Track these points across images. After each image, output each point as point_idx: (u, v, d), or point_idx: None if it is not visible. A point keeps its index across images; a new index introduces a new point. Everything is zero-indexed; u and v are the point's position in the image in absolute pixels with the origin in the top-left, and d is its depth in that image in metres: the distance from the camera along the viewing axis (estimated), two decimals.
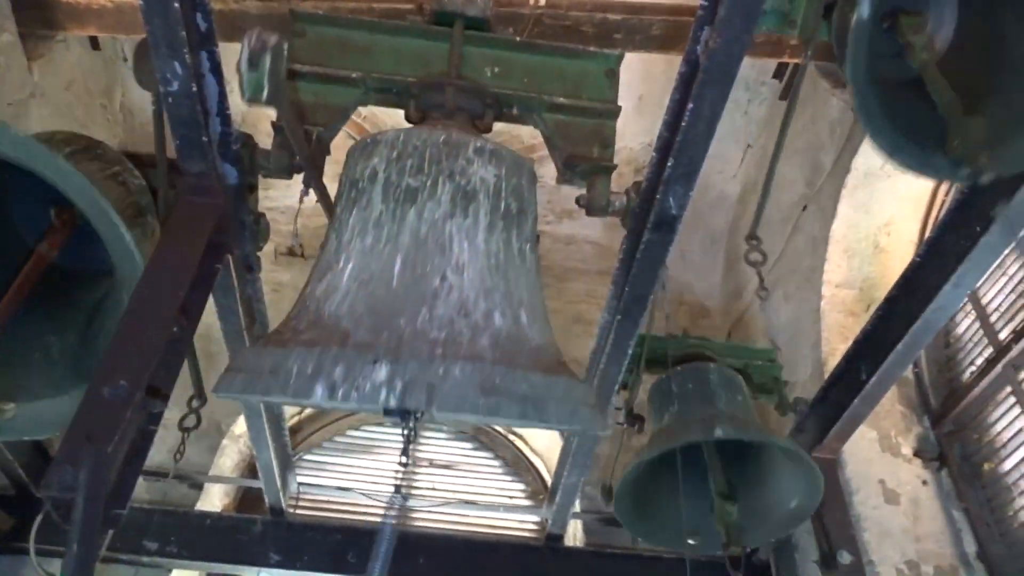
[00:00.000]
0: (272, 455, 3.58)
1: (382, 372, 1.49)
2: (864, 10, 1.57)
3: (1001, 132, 1.50)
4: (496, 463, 5.58)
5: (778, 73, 5.22)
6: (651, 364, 3.40)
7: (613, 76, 2.47)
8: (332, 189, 2.28)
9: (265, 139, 2.33)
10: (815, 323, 4.15)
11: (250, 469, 5.03)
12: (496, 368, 1.55)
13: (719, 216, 5.93)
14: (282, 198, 5.49)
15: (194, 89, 1.92)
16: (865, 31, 1.57)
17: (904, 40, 1.71)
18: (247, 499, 5.13)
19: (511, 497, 5.36)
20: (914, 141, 1.61)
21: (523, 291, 1.79)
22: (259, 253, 2.44)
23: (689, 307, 6.18)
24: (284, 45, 1.66)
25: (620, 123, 5.89)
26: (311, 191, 2.32)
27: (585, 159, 2.34)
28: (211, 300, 2.26)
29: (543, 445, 5.52)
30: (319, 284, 1.76)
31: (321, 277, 1.78)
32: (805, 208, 4.60)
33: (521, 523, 5.20)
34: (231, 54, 1.74)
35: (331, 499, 5.02)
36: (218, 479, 4.84)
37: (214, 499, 4.86)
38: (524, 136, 5.68)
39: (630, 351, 2.72)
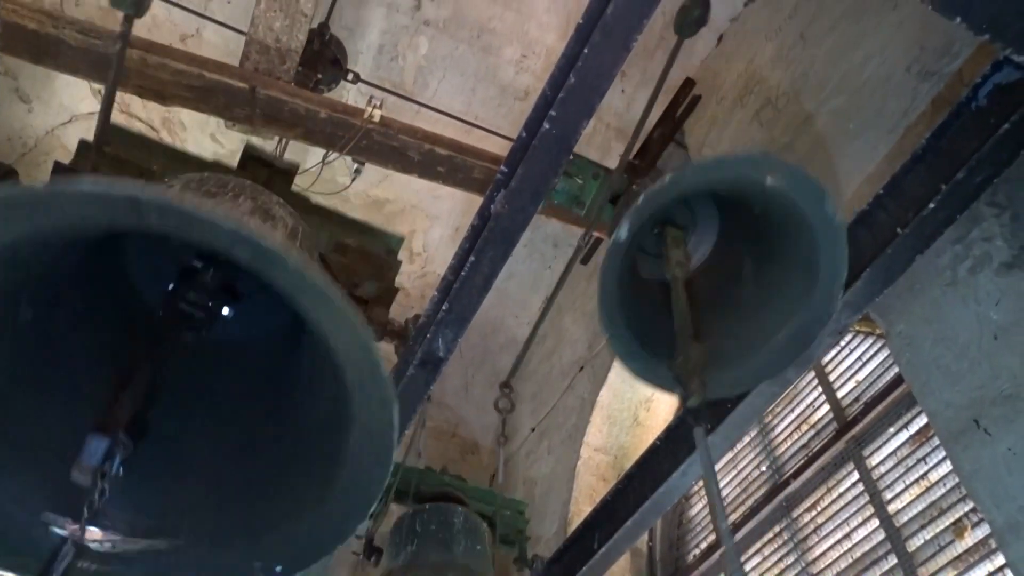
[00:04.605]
0: None
1: None
2: (635, 215, 1.73)
3: (714, 361, 1.67)
4: None
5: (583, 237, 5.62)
6: (401, 496, 3.33)
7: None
8: None
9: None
10: (569, 481, 4.29)
11: None
12: None
13: (507, 358, 6.10)
14: None
15: None
16: (620, 248, 1.69)
17: (665, 251, 1.90)
18: None
19: None
20: (647, 348, 1.76)
21: None
22: None
23: (462, 440, 6.20)
24: None
25: (433, 250, 6.17)
26: None
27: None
28: None
29: None
30: None
31: None
32: (582, 369, 4.85)
33: None
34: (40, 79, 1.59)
35: None
36: None
37: None
38: None
39: None
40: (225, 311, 1.56)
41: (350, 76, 4.71)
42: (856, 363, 3.34)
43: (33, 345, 1.47)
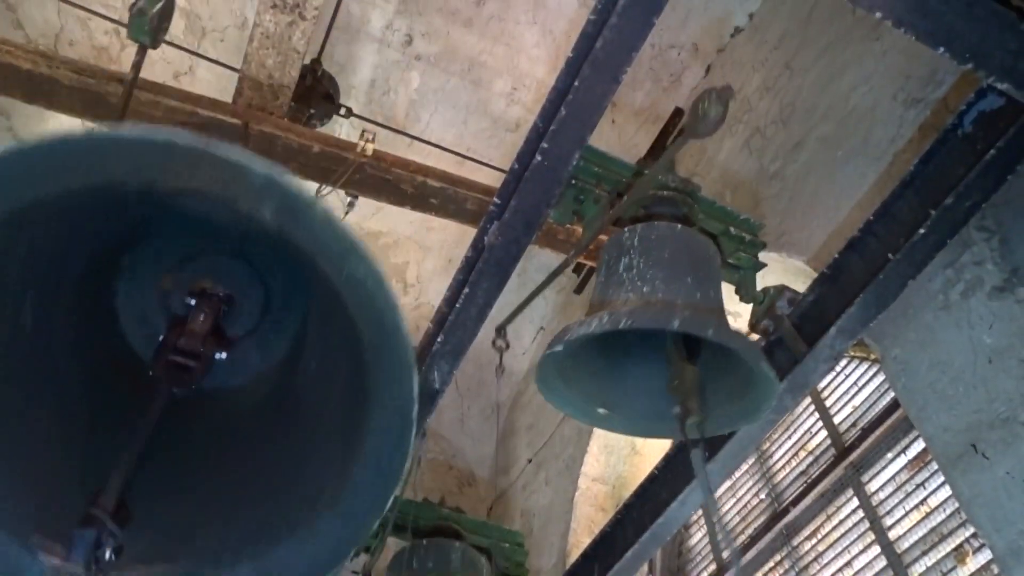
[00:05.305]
0: None
1: None
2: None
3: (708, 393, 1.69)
4: None
5: (577, 269, 5.64)
6: (399, 530, 3.30)
7: None
8: None
9: None
10: (567, 512, 4.25)
11: None
12: None
13: (503, 389, 6.09)
14: None
15: None
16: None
17: None
18: None
19: None
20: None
21: None
22: None
23: (458, 472, 6.15)
24: None
25: (426, 281, 6.13)
26: None
27: None
28: None
29: None
30: None
31: None
32: None
33: None
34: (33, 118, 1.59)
35: None
36: None
37: None
38: None
39: None
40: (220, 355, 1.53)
41: (343, 111, 4.75)
42: (852, 388, 3.33)
43: (28, 353, 1.41)
